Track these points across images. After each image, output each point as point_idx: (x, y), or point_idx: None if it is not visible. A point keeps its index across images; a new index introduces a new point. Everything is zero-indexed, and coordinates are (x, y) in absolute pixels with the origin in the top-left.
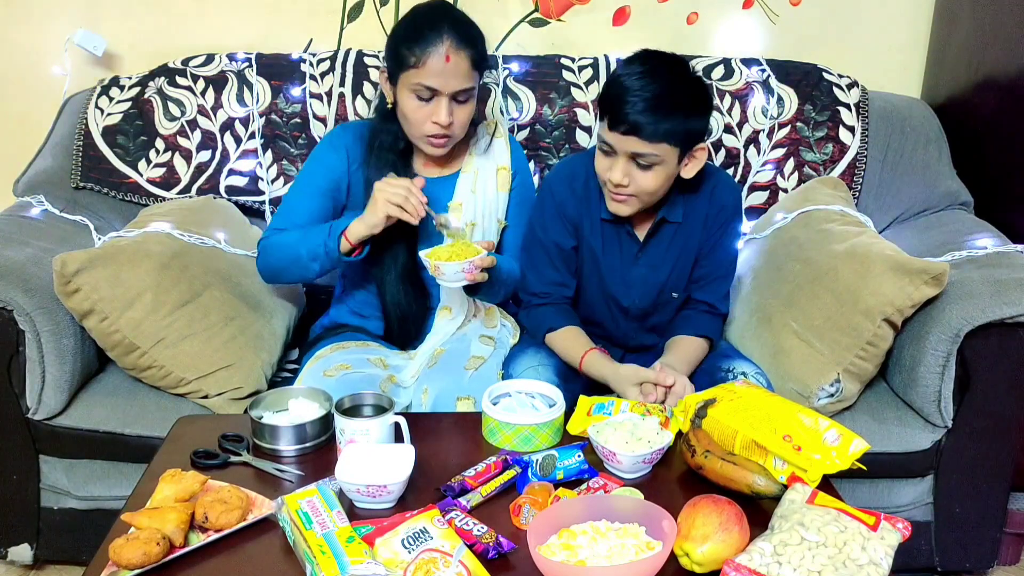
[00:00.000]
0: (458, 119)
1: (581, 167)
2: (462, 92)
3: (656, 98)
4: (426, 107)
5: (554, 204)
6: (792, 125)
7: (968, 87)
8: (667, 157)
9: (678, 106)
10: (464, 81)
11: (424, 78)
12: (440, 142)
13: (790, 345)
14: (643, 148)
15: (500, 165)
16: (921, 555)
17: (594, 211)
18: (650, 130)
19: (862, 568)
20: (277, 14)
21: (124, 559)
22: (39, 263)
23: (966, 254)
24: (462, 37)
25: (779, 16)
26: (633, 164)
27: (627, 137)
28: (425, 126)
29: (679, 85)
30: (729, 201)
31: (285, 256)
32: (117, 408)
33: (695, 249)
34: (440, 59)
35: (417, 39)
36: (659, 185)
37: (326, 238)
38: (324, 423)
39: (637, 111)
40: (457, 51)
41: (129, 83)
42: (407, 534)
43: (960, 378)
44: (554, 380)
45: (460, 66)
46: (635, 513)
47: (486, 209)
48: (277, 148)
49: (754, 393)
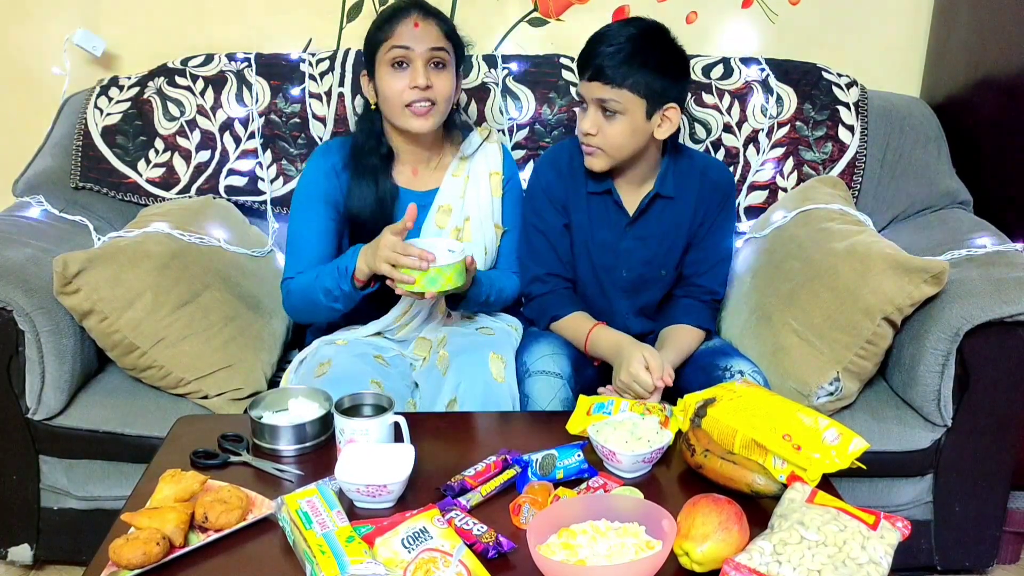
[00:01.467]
0: (438, 87)
1: (564, 149)
2: (436, 54)
3: (621, 46)
4: (403, 75)
5: (541, 187)
6: (791, 124)
7: (967, 86)
8: (631, 107)
9: (644, 57)
10: (436, 41)
11: (396, 41)
12: (422, 109)
13: (790, 344)
14: (606, 93)
15: (492, 170)
16: (921, 554)
17: (580, 188)
18: (612, 74)
19: (862, 567)
20: (276, 14)
21: (124, 559)
22: (39, 263)
23: (965, 253)
24: (429, 10)
25: (778, 15)
26: (600, 113)
27: (591, 83)
28: (404, 94)
29: (649, 41)
30: (722, 181)
31: (307, 301)
32: (117, 408)
33: (687, 227)
34: (409, 25)
35: (387, 18)
36: (625, 138)
37: (339, 280)
38: (324, 423)
39: (601, 56)
40: (425, 19)
41: (128, 83)
42: (407, 534)
43: (959, 377)
44: (569, 368)
45: (429, 30)
46: (635, 512)
47: (481, 214)
48: (277, 148)
49: (754, 392)
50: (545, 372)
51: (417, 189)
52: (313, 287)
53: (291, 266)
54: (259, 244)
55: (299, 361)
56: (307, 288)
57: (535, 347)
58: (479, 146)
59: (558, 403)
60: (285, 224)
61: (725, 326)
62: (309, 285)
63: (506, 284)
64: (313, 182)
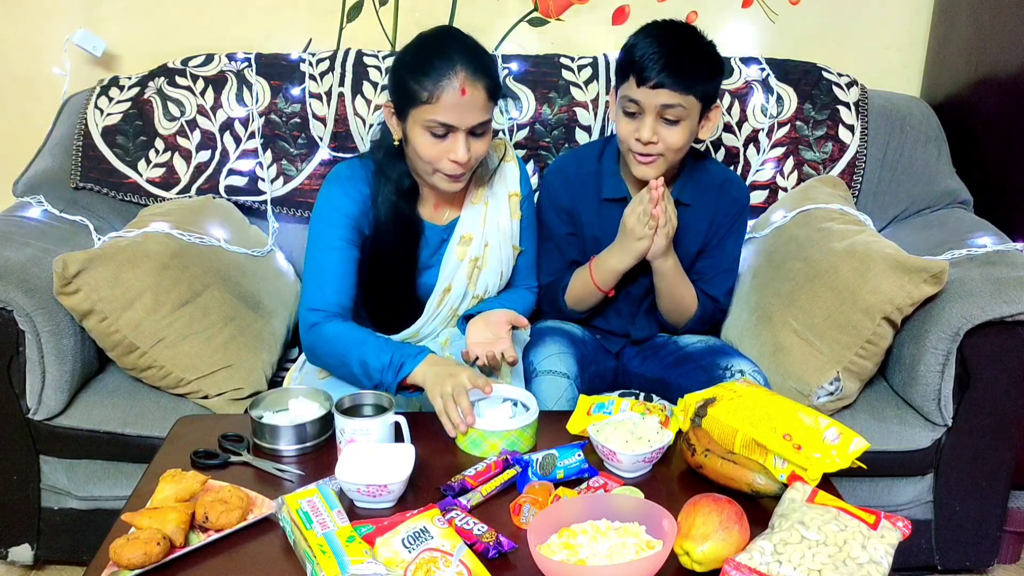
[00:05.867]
0: (475, 153)
1: (571, 158)
2: (479, 125)
3: (679, 53)
4: (441, 144)
5: (549, 197)
6: (791, 124)
7: (967, 85)
8: (691, 111)
9: (699, 61)
10: (481, 114)
11: (439, 114)
12: (457, 179)
13: (790, 343)
14: (673, 99)
15: (511, 191)
16: (921, 553)
17: (590, 195)
18: (678, 81)
19: (862, 567)
20: (276, 14)
21: (124, 559)
22: (39, 263)
23: (966, 252)
24: (477, 67)
25: (778, 15)
26: (661, 121)
27: (657, 90)
28: (441, 163)
29: (697, 43)
30: (741, 196)
31: (336, 357)
32: (117, 408)
33: (701, 237)
34: (455, 93)
35: (428, 71)
36: (685, 142)
37: (385, 368)
38: (324, 423)
39: (664, 65)
40: (473, 83)
41: (129, 83)
42: (407, 534)
43: (960, 376)
44: (575, 368)
45: (476, 99)
46: (635, 512)
47: (500, 239)
48: (277, 148)
49: (754, 392)
50: (552, 372)
51: (440, 223)
52: (350, 351)
53: (316, 296)
54: (259, 244)
55: (303, 361)
56: (344, 347)
57: (542, 347)
58: (497, 167)
59: (565, 403)
60: (285, 224)
61: (725, 326)
62: (346, 346)
63: (520, 307)
64: (339, 206)
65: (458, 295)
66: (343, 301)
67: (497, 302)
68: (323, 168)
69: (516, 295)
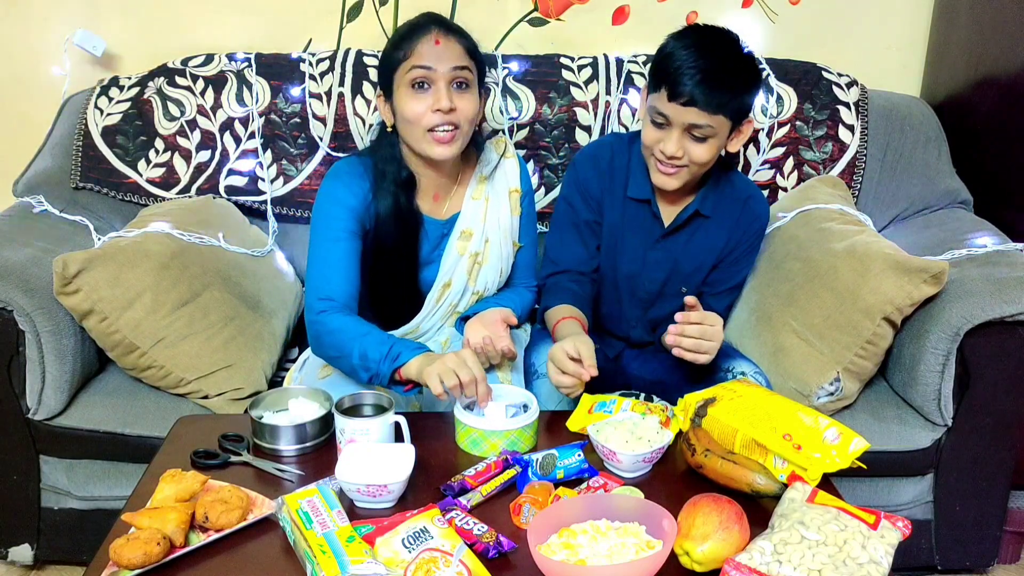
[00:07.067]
0: (462, 108)
1: (607, 148)
2: (459, 73)
3: (715, 70)
4: (424, 98)
5: (577, 182)
6: (791, 124)
7: (968, 85)
8: (721, 130)
9: (735, 79)
10: (458, 60)
11: (416, 60)
12: (446, 136)
13: (790, 344)
14: (701, 119)
15: (511, 188)
16: (921, 553)
17: (617, 189)
18: (710, 102)
19: (862, 567)
20: (276, 14)
21: (124, 559)
22: (39, 263)
23: (966, 252)
24: (450, 27)
25: (778, 15)
26: (688, 136)
27: (687, 108)
28: (426, 118)
29: (734, 58)
30: (762, 214)
31: (339, 348)
32: (117, 408)
33: (717, 250)
34: (430, 43)
35: (404, 35)
36: (711, 157)
37: (383, 358)
38: (324, 423)
39: (697, 82)
40: (446, 36)
41: (128, 83)
42: (407, 534)
43: (960, 376)
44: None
45: (451, 48)
46: (635, 512)
47: (500, 235)
48: (277, 148)
49: (754, 392)
50: None
51: (440, 217)
52: (352, 342)
53: (324, 286)
54: (259, 244)
55: (303, 361)
56: (347, 338)
57: (543, 348)
58: (497, 164)
59: (565, 404)
60: (285, 224)
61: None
62: (349, 337)
63: (519, 307)
64: (340, 200)
65: (458, 290)
66: (350, 291)
67: (495, 301)
68: (323, 168)
69: (515, 294)
